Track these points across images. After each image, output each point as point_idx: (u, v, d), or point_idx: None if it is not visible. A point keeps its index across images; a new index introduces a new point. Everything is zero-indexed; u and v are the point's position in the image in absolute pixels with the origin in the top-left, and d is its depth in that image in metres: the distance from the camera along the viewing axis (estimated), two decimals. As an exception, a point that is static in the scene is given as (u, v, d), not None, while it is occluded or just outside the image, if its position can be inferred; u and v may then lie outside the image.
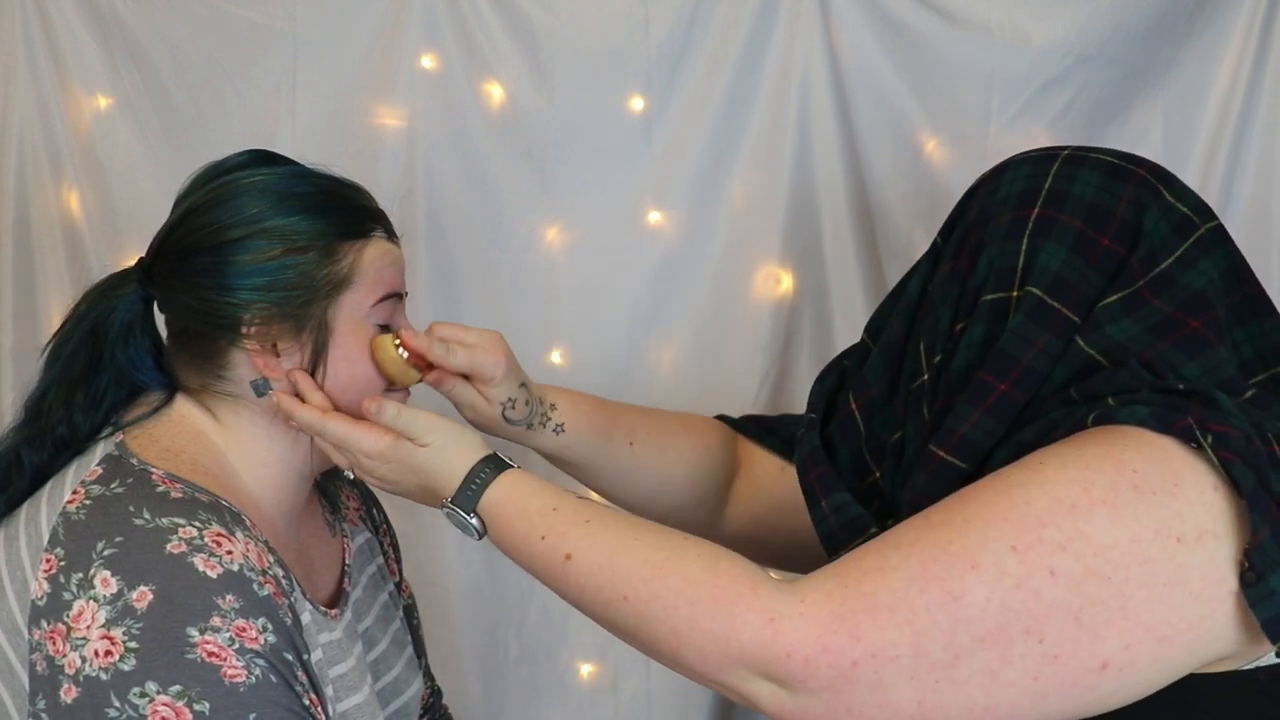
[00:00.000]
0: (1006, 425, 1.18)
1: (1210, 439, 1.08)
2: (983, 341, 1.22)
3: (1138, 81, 1.93)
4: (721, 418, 1.64)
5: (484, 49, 1.96)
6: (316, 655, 1.21)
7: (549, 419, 1.45)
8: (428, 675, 1.53)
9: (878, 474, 1.34)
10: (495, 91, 1.97)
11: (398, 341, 1.28)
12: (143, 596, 1.06)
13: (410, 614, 1.50)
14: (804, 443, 1.38)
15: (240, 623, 1.08)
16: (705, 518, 1.56)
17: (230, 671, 1.06)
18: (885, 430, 1.32)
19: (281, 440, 1.25)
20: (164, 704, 1.04)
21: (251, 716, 1.06)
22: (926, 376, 1.27)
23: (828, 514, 1.30)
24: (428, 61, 1.96)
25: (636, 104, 1.96)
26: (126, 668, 1.04)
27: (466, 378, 1.38)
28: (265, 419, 1.24)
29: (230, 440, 1.24)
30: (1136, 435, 1.09)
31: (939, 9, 1.91)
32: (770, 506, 1.56)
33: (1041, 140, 1.94)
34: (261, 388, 1.22)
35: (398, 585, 1.48)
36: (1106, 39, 1.90)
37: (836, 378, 1.43)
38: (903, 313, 1.33)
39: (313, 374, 1.23)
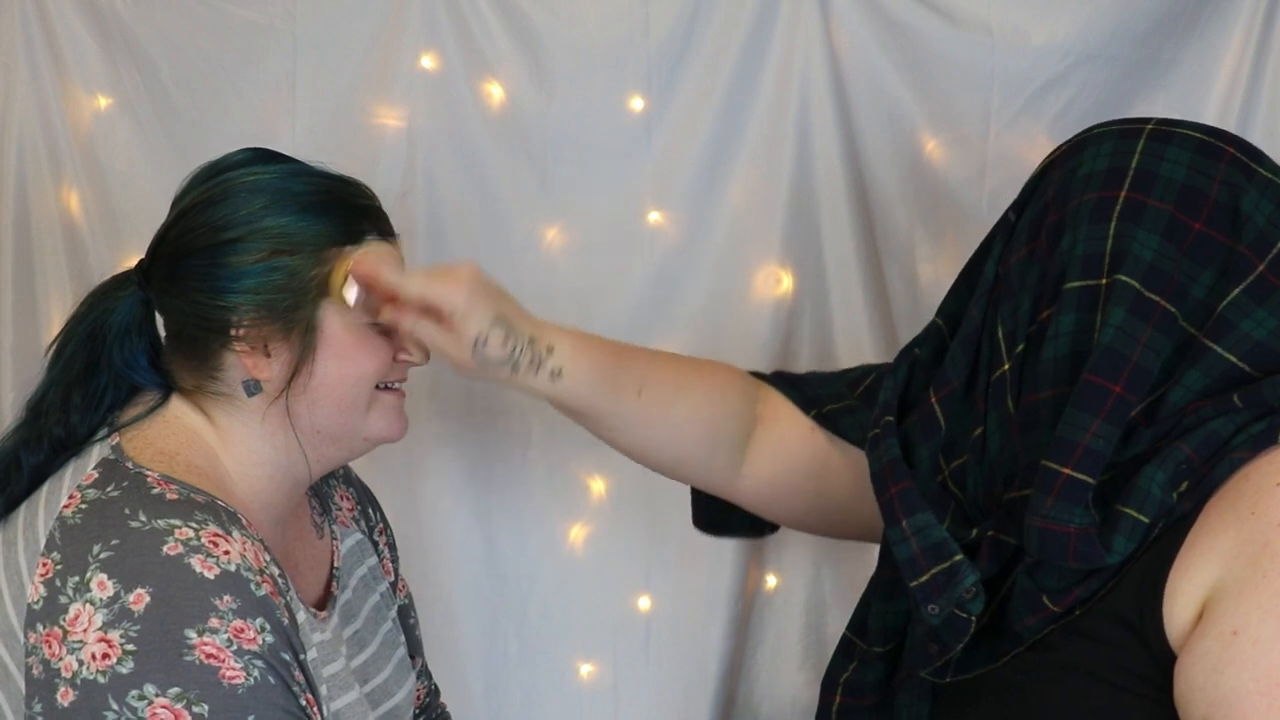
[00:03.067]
0: (1123, 429, 1.12)
1: None
2: (1073, 332, 1.15)
3: (1138, 81, 1.93)
4: (753, 374, 1.56)
5: (484, 49, 1.96)
6: (311, 654, 1.21)
7: (543, 362, 1.31)
8: (424, 674, 1.53)
9: (947, 472, 1.28)
10: (495, 91, 1.97)
11: (348, 272, 1.21)
12: (140, 599, 1.06)
13: (406, 613, 1.50)
14: (881, 449, 1.29)
15: (238, 623, 1.08)
16: (719, 472, 1.47)
17: (229, 673, 1.06)
18: (964, 424, 1.26)
19: (272, 442, 1.25)
20: (163, 706, 1.04)
21: (250, 718, 1.07)
22: (1008, 366, 1.21)
23: (908, 535, 1.22)
24: (428, 61, 1.96)
25: (636, 104, 1.96)
26: (124, 670, 1.04)
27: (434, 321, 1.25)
28: (257, 420, 1.24)
29: (223, 442, 1.24)
30: None
31: (939, 9, 1.91)
32: (792, 467, 1.47)
33: (1041, 141, 1.94)
34: (253, 389, 1.23)
35: (393, 585, 1.48)
36: (1106, 39, 1.89)
37: (907, 369, 1.35)
38: (980, 298, 1.26)
39: (298, 374, 1.22)
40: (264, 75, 1.96)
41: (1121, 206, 1.16)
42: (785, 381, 1.53)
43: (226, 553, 1.10)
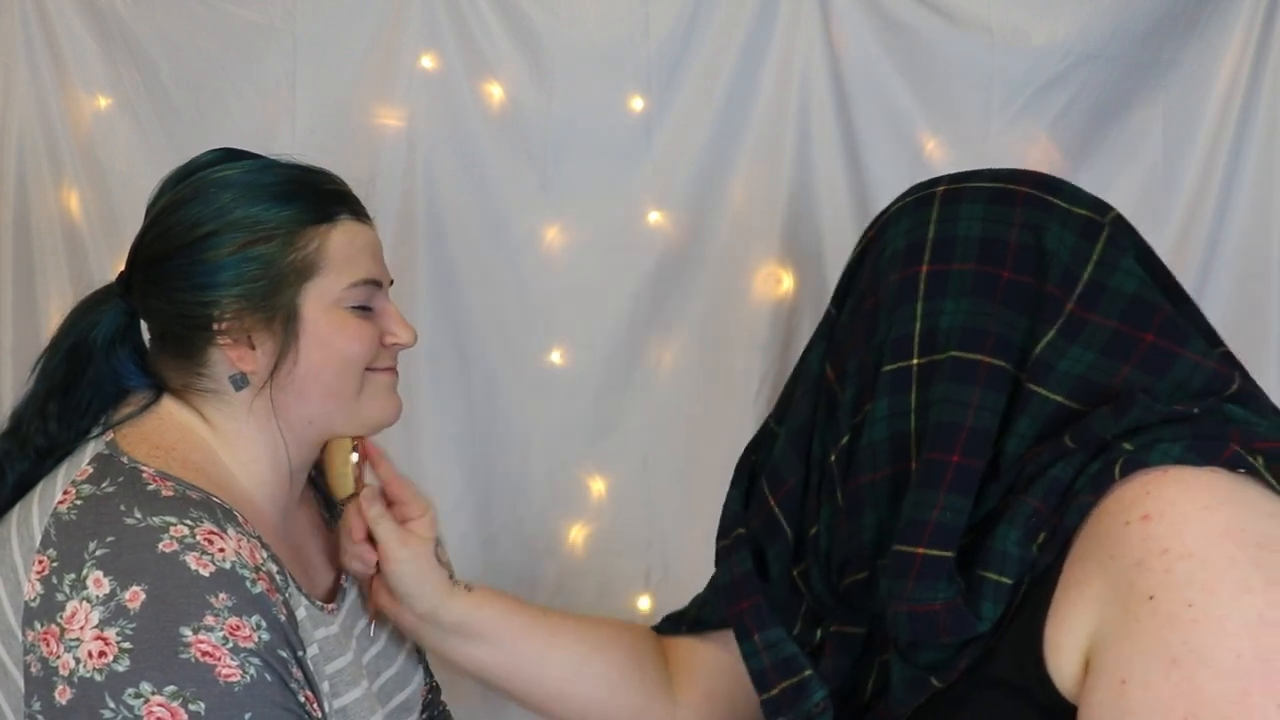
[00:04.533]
0: (974, 495, 1.10)
1: (1261, 459, 1.02)
2: (888, 416, 1.15)
3: (1138, 81, 1.93)
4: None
5: (484, 49, 1.96)
6: (312, 651, 1.20)
7: (456, 581, 1.37)
8: (427, 671, 1.53)
9: (796, 573, 1.26)
10: (495, 91, 1.97)
11: (355, 448, 1.30)
12: (135, 596, 1.06)
13: None
14: (732, 561, 1.27)
15: (234, 621, 1.08)
16: (657, 705, 1.42)
17: (225, 671, 1.06)
18: (805, 525, 1.25)
19: (265, 435, 1.24)
20: (159, 704, 1.04)
21: (247, 715, 1.06)
22: (834, 458, 1.20)
23: (760, 649, 1.23)
24: (428, 61, 1.96)
25: (636, 104, 1.96)
26: (120, 668, 1.04)
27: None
28: (246, 413, 1.23)
29: (219, 437, 1.24)
30: (1186, 479, 1.02)
31: (939, 9, 1.91)
32: (711, 682, 1.43)
33: (1041, 140, 1.94)
34: (239, 382, 1.23)
35: None
36: (1106, 39, 1.90)
37: (748, 478, 1.33)
38: (808, 393, 1.25)
39: (282, 363, 1.22)
40: (264, 75, 1.96)
41: (925, 283, 1.15)
42: (665, 621, 1.51)
43: (221, 550, 1.10)
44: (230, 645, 1.07)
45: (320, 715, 1.15)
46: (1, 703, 1.11)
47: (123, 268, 1.28)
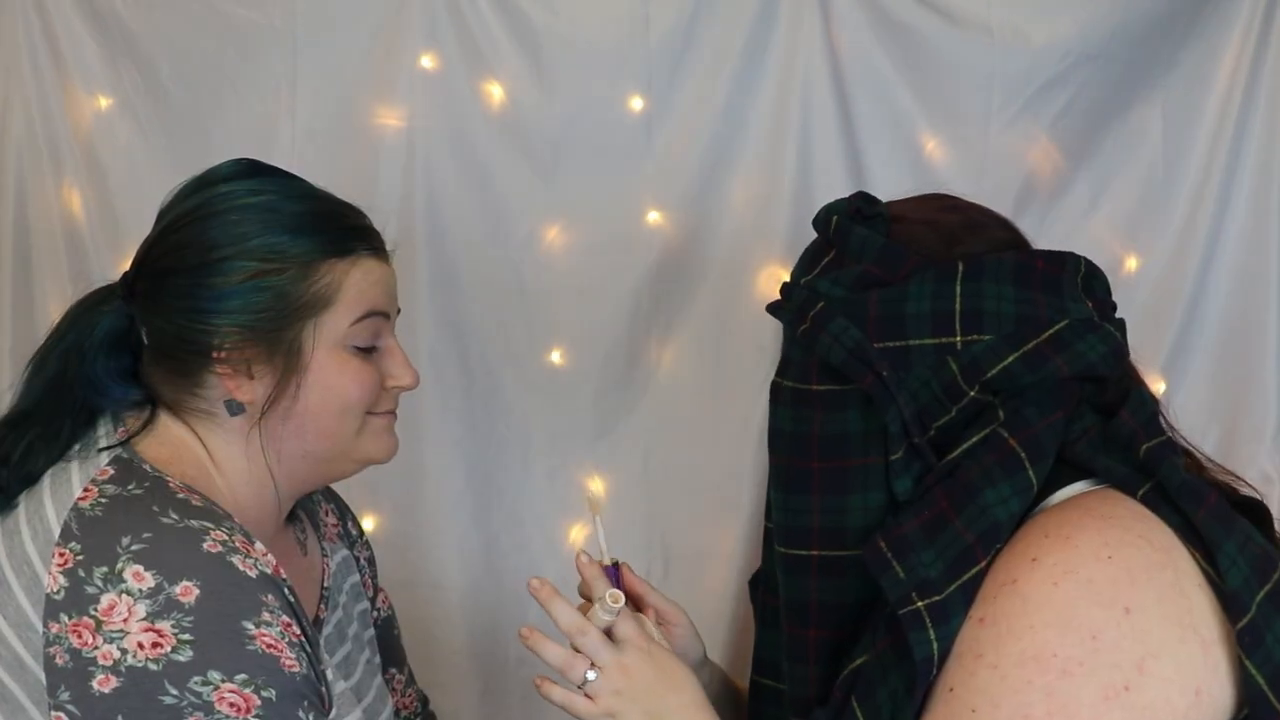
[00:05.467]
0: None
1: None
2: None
3: (1138, 81, 1.94)
4: None
5: (484, 49, 1.96)
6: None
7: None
8: (410, 682, 1.52)
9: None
10: (495, 91, 1.97)
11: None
12: (187, 591, 1.08)
13: (390, 625, 1.49)
14: None
15: (285, 618, 1.12)
16: None
17: (287, 661, 1.10)
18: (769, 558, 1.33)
19: (256, 461, 1.23)
20: (231, 691, 1.07)
21: (305, 703, 1.11)
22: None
23: None
24: (428, 61, 1.96)
25: (636, 104, 1.96)
26: (182, 658, 1.06)
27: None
28: (241, 439, 1.23)
29: (210, 456, 1.23)
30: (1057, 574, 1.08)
31: (939, 9, 1.91)
32: None
33: (1041, 141, 1.95)
34: (235, 409, 1.22)
35: (371, 601, 1.47)
36: (1107, 39, 1.90)
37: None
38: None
39: (282, 398, 1.21)
40: (264, 75, 1.96)
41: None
42: None
43: (261, 555, 1.13)
44: (286, 639, 1.11)
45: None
46: (21, 696, 1.11)
47: (126, 268, 1.26)
